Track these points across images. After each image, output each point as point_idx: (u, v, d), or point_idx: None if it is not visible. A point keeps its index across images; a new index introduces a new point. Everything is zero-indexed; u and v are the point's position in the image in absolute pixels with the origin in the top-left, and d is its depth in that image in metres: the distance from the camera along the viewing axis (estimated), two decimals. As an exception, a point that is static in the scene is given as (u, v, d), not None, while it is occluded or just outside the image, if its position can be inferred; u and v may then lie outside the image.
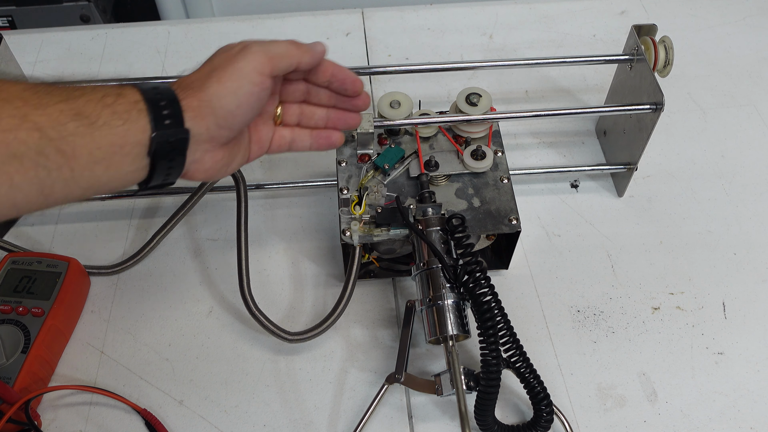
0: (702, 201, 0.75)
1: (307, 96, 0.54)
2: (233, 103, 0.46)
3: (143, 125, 0.42)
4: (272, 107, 0.53)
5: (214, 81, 0.45)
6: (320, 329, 0.61)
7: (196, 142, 0.45)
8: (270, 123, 0.53)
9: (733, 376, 0.62)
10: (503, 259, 0.68)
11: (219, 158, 0.48)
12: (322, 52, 0.51)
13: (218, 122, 0.46)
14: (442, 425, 0.59)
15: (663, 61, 0.68)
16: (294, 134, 0.55)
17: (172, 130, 0.43)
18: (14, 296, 0.62)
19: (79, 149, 0.40)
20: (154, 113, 0.42)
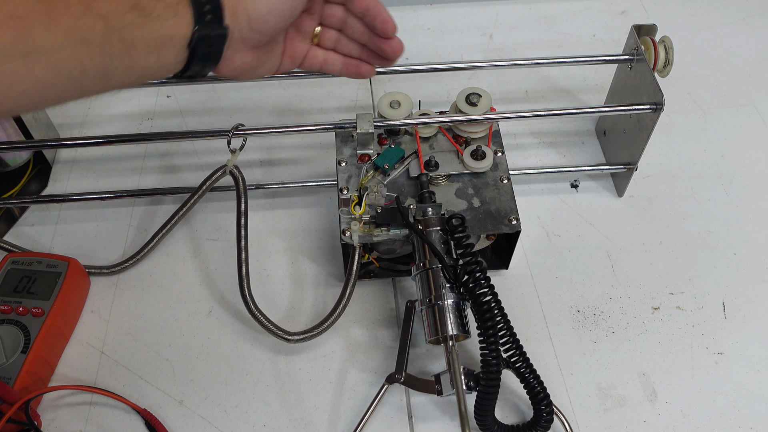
0: (702, 201, 0.75)
1: (344, 26, 0.54)
2: (265, 8, 0.46)
3: (189, 19, 0.43)
4: (311, 25, 0.54)
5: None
6: (320, 329, 0.61)
7: (228, 41, 0.46)
8: (306, 40, 0.54)
9: (733, 376, 0.62)
10: (503, 259, 0.68)
11: (248, 60, 0.49)
12: None
13: (250, 24, 0.46)
14: (442, 425, 0.59)
15: (663, 61, 0.68)
16: (327, 56, 0.55)
17: (213, 26, 0.44)
18: (14, 296, 0.62)
19: (137, 39, 0.41)
20: (197, 8, 0.43)
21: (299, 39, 0.53)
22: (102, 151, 0.80)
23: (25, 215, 0.74)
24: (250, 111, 0.85)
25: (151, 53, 0.42)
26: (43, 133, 0.77)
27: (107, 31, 0.40)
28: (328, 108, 0.85)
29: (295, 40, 0.53)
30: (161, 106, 0.85)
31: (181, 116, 0.84)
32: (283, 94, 0.86)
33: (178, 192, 0.72)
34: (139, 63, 0.42)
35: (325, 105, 0.85)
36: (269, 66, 0.52)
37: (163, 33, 0.42)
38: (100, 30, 0.39)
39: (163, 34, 0.42)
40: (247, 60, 0.49)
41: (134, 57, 0.42)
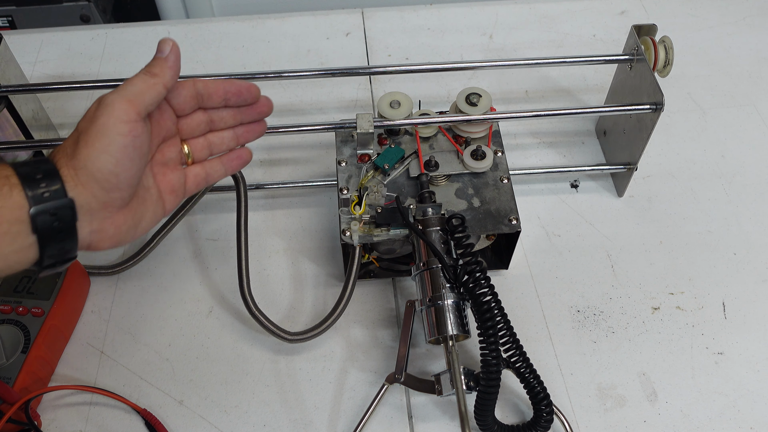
0: (702, 201, 0.75)
1: (211, 124, 0.51)
2: (110, 162, 0.42)
3: (19, 201, 0.39)
4: (176, 150, 0.50)
5: (83, 146, 0.42)
6: (320, 329, 0.61)
7: (89, 212, 0.43)
8: (178, 168, 0.50)
9: (733, 376, 0.62)
10: (503, 259, 0.68)
11: (122, 222, 0.45)
12: (173, 56, 0.46)
13: (102, 186, 0.42)
14: (442, 425, 0.59)
15: (663, 61, 0.68)
16: (206, 168, 0.52)
17: (53, 203, 0.40)
18: (14, 296, 0.62)
19: None
20: (29, 186, 0.40)
21: (169, 170, 0.49)
22: (102, 151, 0.80)
23: (25, 215, 0.74)
24: (250, 111, 0.85)
25: None
26: (43, 133, 0.77)
27: None
28: (328, 108, 0.85)
29: (166, 173, 0.49)
30: (161, 106, 0.85)
31: (181, 116, 0.84)
32: (283, 94, 0.86)
33: (178, 192, 0.72)
34: None
35: (325, 105, 0.85)
36: (151, 215, 0.48)
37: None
38: None
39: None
40: (121, 222, 0.45)
41: None
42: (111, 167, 0.42)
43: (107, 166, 0.42)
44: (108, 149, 0.42)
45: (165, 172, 0.49)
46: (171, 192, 0.49)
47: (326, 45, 0.92)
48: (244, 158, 0.54)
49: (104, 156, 0.42)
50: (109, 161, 0.42)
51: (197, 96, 0.50)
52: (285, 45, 0.93)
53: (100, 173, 0.42)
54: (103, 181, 0.42)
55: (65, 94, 0.86)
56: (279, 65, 0.90)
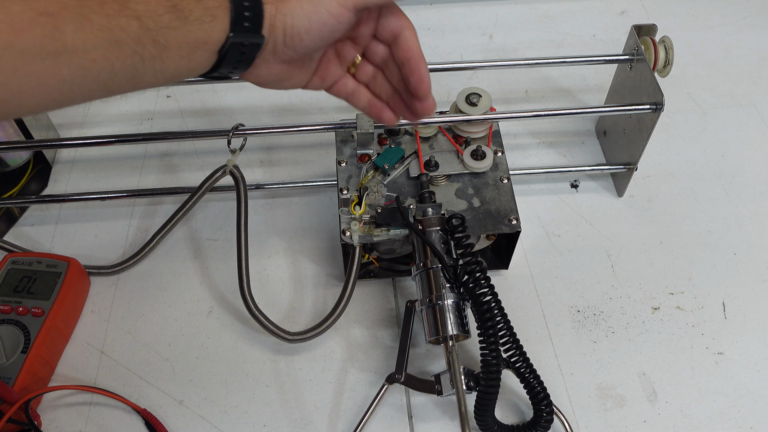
0: (702, 201, 0.75)
1: (384, 66, 0.52)
2: (303, 26, 0.44)
3: (225, 25, 0.42)
4: (352, 54, 0.51)
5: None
6: (320, 329, 0.61)
7: (262, 50, 0.45)
8: (343, 66, 0.52)
9: (733, 376, 0.62)
10: (503, 259, 0.68)
11: (276, 72, 0.48)
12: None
13: (285, 40, 0.44)
14: (442, 425, 0.59)
15: (663, 61, 0.68)
16: (357, 88, 0.53)
17: (249, 34, 0.43)
18: (14, 296, 0.62)
19: (171, 42, 0.40)
20: (236, 13, 0.42)
21: (335, 64, 0.51)
22: (102, 151, 0.80)
23: (25, 215, 0.74)
24: (250, 111, 0.85)
25: (183, 57, 0.41)
26: (43, 133, 0.77)
27: (141, 33, 0.38)
28: (328, 108, 0.85)
29: (331, 64, 0.51)
30: (161, 106, 0.85)
31: (181, 116, 0.84)
32: (283, 94, 0.86)
33: (178, 192, 0.72)
34: (170, 66, 0.41)
35: (325, 105, 0.85)
36: (296, 81, 0.50)
37: (198, 37, 0.41)
38: (134, 31, 0.38)
39: (198, 38, 0.41)
40: (275, 72, 0.47)
41: (166, 60, 0.40)
42: (302, 31, 0.44)
43: (300, 28, 0.44)
44: (310, 17, 0.44)
45: (332, 60, 0.51)
46: (321, 77, 0.51)
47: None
48: (384, 117, 0.53)
49: (303, 19, 0.44)
50: (304, 25, 0.44)
51: (395, 41, 0.50)
52: (285, 45, 0.92)
53: (291, 29, 0.44)
54: (288, 36, 0.44)
55: (65, 94, 0.86)
56: (279, 65, 0.90)
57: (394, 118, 0.54)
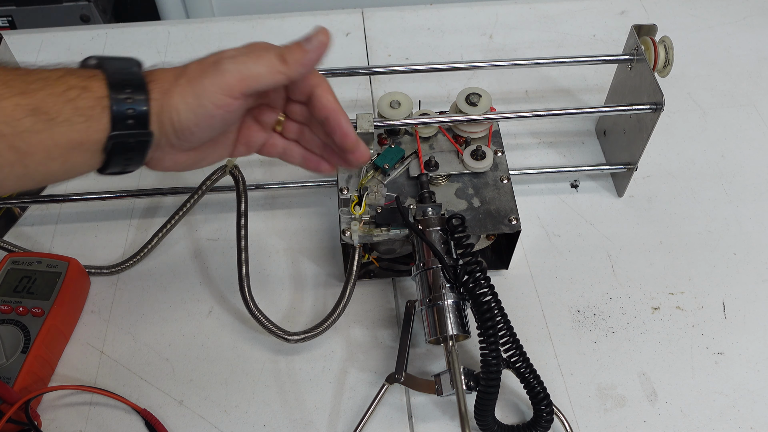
0: (702, 201, 0.75)
1: (308, 122, 0.51)
2: (191, 121, 0.42)
3: (105, 124, 0.40)
4: (272, 117, 0.50)
5: (178, 92, 0.42)
6: (320, 329, 0.61)
7: (156, 145, 0.43)
8: (266, 129, 0.50)
9: (733, 376, 0.62)
10: (503, 259, 0.68)
11: (183, 159, 0.46)
12: (314, 54, 0.44)
13: (176, 134, 0.43)
14: (442, 425, 0.59)
15: (663, 61, 0.68)
16: (288, 146, 0.52)
17: (134, 132, 0.41)
18: (14, 296, 0.62)
19: (34, 146, 0.38)
20: (118, 112, 0.40)
21: (257, 129, 0.50)
22: (102, 151, 0.80)
23: (25, 215, 0.74)
24: (250, 111, 0.85)
25: (53, 160, 0.39)
26: (43, 133, 0.77)
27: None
28: (328, 108, 0.85)
29: (252, 130, 0.50)
30: (161, 106, 0.85)
31: (181, 116, 0.84)
32: (283, 94, 0.86)
33: (178, 192, 0.72)
34: (37, 169, 0.39)
35: (325, 105, 0.85)
36: (215, 157, 0.48)
37: (69, 138, 0.38)
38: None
39: (69, 139, 0.38)
40: (182, 160, 0.46)
41: (30, 165, 0.38)
42: (191, 125, 0.42)
43: (187, 123, 0.42)
44: (196, 111, 0.42)
45: (252, 127, 0.49)
46: (246, 145, 0.50)
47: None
48: (323, 168, 0.52)
49: (189, 114, 0.42)
50: (191, 120, 0.42)
51: (309, 100, 0.48)
52: (285, 45, 0.92)
53: (179, 125, 0.42)
54: (178, 131, 0.43)
55: (65, 94, 0.86)
56: (279, 65, 0.90)
57: (332, 169, 0.52)
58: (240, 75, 0.43)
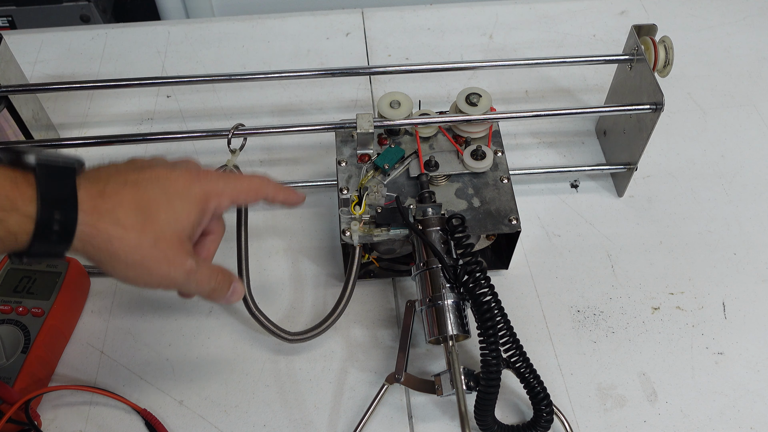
0: (702, 201, 0.75)
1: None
2: (130, 278, 0.43)
3: (26, 240, 0.39)
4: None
5: (117, 238, 0.41)
6: (320, 329, 0.61)
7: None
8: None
9: (733, 376, 0.62)
10: (503, 259, 0.68)
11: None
12: (235, 296, 0.50)
13: (108, 273, 0.43)
14: (442, 425, 0.59)
15: (663, 61, 0.68)
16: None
17: (53, 249, 0.40)
18: (14, 296, 0.62)
19: None
20: (40, 234, 0.39)
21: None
22: (102, 151, 0.80)
23: (25, 215, 0.74)
24: (250, 111, 0.85)
25: None
26: (43, 133, 0.77)
27: None
28: (328, 108, 0.85)
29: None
30: (161, 106, 0.85)
31: (181, 116, 0.84)
32: (283, 94, 0.86)
33: (178, 192, 0.72)
34: None
35: (325, 105, 0.85)
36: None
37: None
38: None
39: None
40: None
41: None
42: (130, 280, 0.43)
43: (125, 278, 0.43)
44: (139, 276, 0.43)
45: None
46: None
47: (326, 45, 0.92)
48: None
49: (130, 272, 0.42)
50: (130, 278, 0.43)
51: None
52: (285, 45, 0.93)
53: (117, 276, 0.43)
54: (119, 279, 0.43)
55: (65, 94, 0.86)
56: (279, 65, 0.90)
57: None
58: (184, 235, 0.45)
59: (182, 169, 0.47)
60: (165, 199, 0.44)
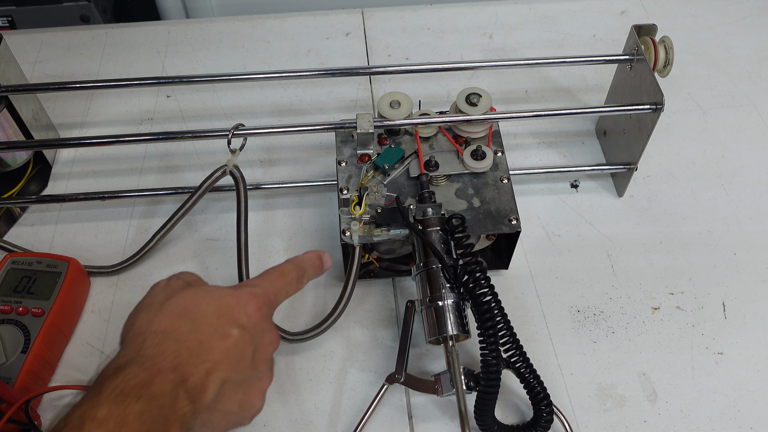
0: (702, 201, 0.75)
1: None
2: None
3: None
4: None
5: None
6: (320, 329, 0.61)
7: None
8: None
9: (733, 376, 0.62)
10: (503, 259, 0.68)
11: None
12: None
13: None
14: (442, 425, 0.59)
15: (663, 61, 0.68)
16: None
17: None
18: (14, 296, 0.62)
19: None
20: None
21: None
22: (102, 151, 0.80)
23: (25, 215, 0.74)
24: (250, 111, 0.85)
25: None
26: (43, 133, 0.77)
27: None
28: (328, 108, 0.85)
29: None
30: (161, 106, 0.85)
31: (181, 116, 0.84)
32: (283, 94, 0.86)
33: (178, 192, 0.72)
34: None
35: (325, 105, 0.85)
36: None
37: None
38: None
39: None
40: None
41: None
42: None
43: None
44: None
45: None
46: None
47: (326, 45, 0.92)
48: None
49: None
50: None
51: None
52: (285, 45, 0.93)
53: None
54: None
55: (65, 94, 0.86)
56: (279, 65, 0.90)
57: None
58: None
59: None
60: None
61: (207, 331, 0.43)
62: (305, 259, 0.53)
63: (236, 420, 0.45)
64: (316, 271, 0.54)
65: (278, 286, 0.49)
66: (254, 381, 0.46)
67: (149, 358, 0.40)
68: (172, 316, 0.43)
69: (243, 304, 0.45)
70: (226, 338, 0.43)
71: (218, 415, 0.43)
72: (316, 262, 0.54)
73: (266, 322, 0.47)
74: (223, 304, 0.45)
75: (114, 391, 0.37)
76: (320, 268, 0.54)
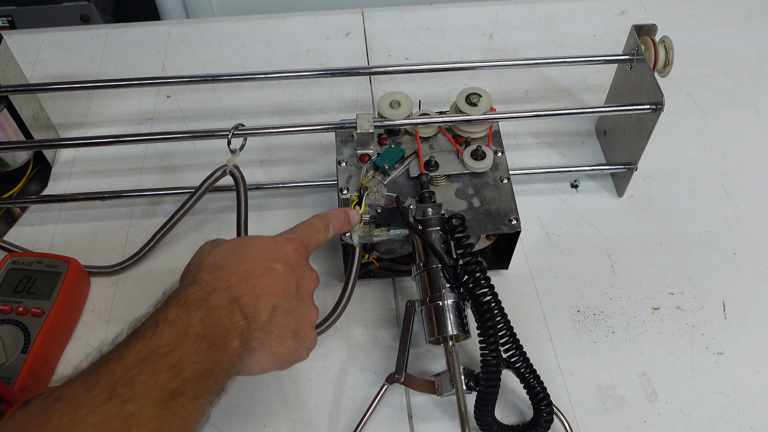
0: (702, 201, 0.75)
1: None
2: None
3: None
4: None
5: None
6: (320, 329, 0.61)
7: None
8: None
9: (733, 376, 0.62)
10: (503, 259, 0.68)
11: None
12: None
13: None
14: (442, 425, 0.59)
15: (663, 61, 0.68)
16: None
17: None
18: (14, 296, 0.62)
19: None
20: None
21: None
22: (102, 151, 0.80)
23: (25, 215, 0.74)
24: (250, 111, 0.85)
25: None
26: (43, 133, 0.77)
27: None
28: (328, 108, 0.85)
29: None
30: (161, 106, 0.85)
31: (181, 116, 0.84)
32: (283, 94, 0.86)
33: (178, 192, 0.72)
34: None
35: (325, 105, 0.85)
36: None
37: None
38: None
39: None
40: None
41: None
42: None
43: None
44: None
45: None
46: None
47: (326, 45, 0.92)
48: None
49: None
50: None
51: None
52: (285, 45, 0.93)
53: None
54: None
55: (65, 94, 0.86)
56: (279, 65, 0.90)
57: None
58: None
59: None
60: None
61: (253, 265, 0.48)
62: (330, 213, 0.58)
63: (293, 347, 0.49)
64: (342, 224, 0.58)
65: (308, 233, 0.54)
66: (302, 310, 0.50)
67: (205, 281, 0.46)
68: (220, 255, 0.49)
69: (281, 245, 0.51)
70: (272, 271, 0.48)
71: (275, 339, 0.47)
72: (341, 216, 0.58)
73: (304, 260, 0.52)
74: (264, 246, 0.50)
75: (178, 302, 0.43)
76: (347, 222, 0.58)
